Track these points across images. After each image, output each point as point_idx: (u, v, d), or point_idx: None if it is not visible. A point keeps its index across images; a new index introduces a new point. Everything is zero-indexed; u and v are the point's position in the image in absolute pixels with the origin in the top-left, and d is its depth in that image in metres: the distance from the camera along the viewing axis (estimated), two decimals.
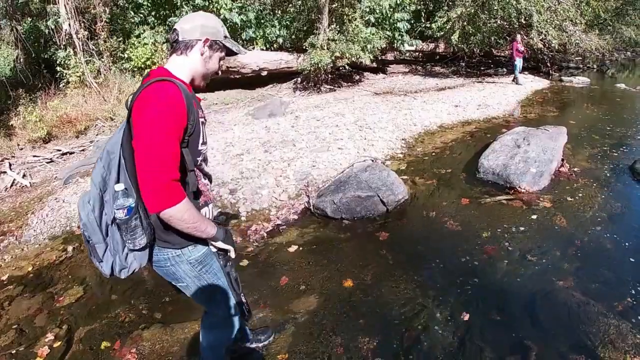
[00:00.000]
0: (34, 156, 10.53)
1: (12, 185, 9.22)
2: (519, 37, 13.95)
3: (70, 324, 3.88)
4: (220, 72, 2.25)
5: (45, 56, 13.18)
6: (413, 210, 5.15)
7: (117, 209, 1.78)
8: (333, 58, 13.78)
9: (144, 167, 1.73)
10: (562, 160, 5.93)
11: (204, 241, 2.07)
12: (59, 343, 3.64)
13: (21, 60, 12.68)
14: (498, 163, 5.69)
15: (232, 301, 2.32)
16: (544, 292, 3.44)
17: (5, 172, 9.52)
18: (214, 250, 2.14)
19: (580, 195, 5.15)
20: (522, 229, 4.45)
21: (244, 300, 2.39)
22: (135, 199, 1.82)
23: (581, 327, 3.04)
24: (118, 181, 1.84)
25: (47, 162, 10.33)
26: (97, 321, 3.83)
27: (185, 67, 2.00)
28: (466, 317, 3.23)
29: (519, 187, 5.29)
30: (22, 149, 10.87)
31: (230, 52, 2.20)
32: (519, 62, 13.63)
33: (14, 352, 3.64)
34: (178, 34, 1.98)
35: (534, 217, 4.65)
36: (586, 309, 3.21)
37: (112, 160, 1.85)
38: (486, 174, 5.69)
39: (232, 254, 2.18)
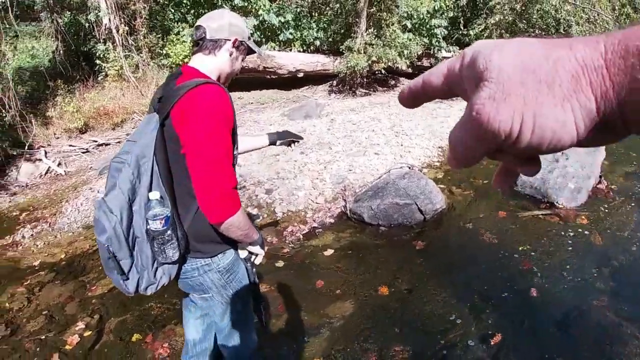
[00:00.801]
0: (70, 145, 10.77)
1: (46, 173, 9.46)
2: None
3: (101, 314, 3.96)
4: (238, 74, 2.19)
5: (85, 49, 13.42)
6: (450, 220, 5.14)
7: (154, 220, 1.71)
8: (370, 62, 13.77)
9: (207, 177, 1.68)
10: (600, 176, 5.84)
11: (233, 247, 2.06)
12: (90, 332, 3.72)
13: (60, 52, 12.92)
14: (536, 177, 5.61)
15: (251, 312, 2.30)
16: (578, 311, 3.40)
17: (40, 160, 9.77)
18: (244, 255, 2.11)
19: (617, 213, 5.06)
20: (558, 245, 4.40)
21: (263, 310, 2.33)
22: (170, 208, 1.78)
23: (613, 348, 3.01)
24: (151, 189, 1.76)
25: (83, 152, 10.57)
26: (129, 313, 3.89)
27: (213, 67, 1.97)
28: (499, 332, 3.22)
29: (557, 202, 5.23)
30: (58, 138, 11.10)
31: (250, 52, 2.16)
32: None
33: (43, 337, 3.73)
34: (205, 32, 1.93)
35: (571, 233, 4.60)
36: (619, 330, 3.18)
37: (142, 165, 1.75)
38: (524, 187, 5.64)
39: (259, 259, 2.16)
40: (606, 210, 5.09)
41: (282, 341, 3.32)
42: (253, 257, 2.15)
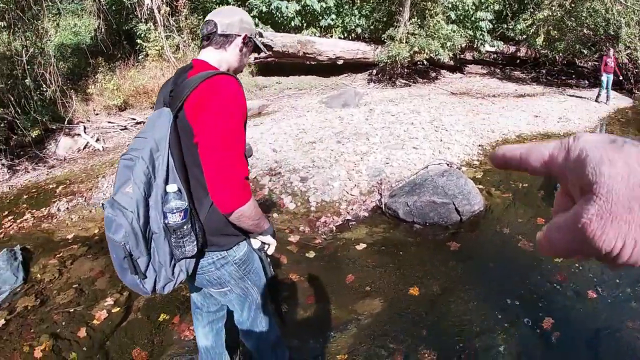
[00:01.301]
0: (109, 122, 10.95)
1: (85, 148, 9.65)
2: (612, 51, 12.83)
3: (130, 291, 3.94)
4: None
5: (126, 28, 13.59)
6: (487, 223, 4.97)
7: (173, 213, 1.68)
8: (411, 52, 13.58)
9: (220, 167, 1.67)
10: None
11: (246, 238, 2.04)
12: (118, 309, 3.73)
13: (102, 30, 13.11)
14: None
15: (268, 303, 2.30)
16: (610, 330, 3.21)
17: (79, 135, 9.96)
18: (257, 245, 2.09)
19: None
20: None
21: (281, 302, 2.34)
22: (187, 201, 1.74)
23: None
24: (167, 182, 1.72)
25: (121, 129, 10.73)
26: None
27: (223, 61, 1.95)
28: (528, 343, 3.08)
29: None
30: (97, 114, 11.33)
31: (256, 49, 2.14)
32: (606, 79, 12.46)
33: (71, 311, 3.75)
34: (217, 26, 1.91)
35: None
36: None
37: (157, 159, 1.72)
38: None
39: (272, 249, 2.13)
40: None
41: (309, 334, 3.25)
42: (266, 246, 2.12)
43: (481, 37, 15.41)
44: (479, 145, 7.68)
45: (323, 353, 3.05)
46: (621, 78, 13.52)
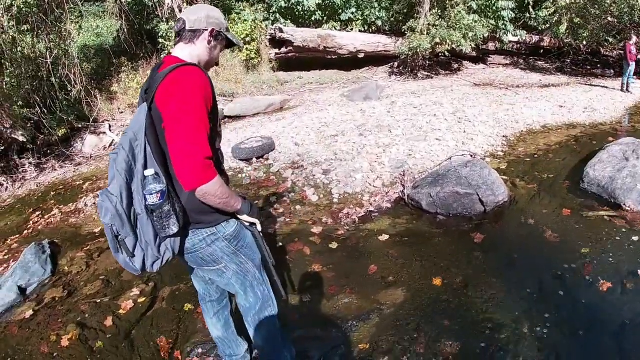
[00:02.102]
0: None
1: (110, 145, 9.83)
2: (634, 38, 12.50)
3: (156, 282, 4.05)
4: (218, 64, 2.34)
5: (148, 28, 13.71)
6: (511, 214, 4.89)
7: (150, 194, 1.80)
8: (433, 44, 13.46)
9: (181, 146, 1.79)
10: None
11: (235, 216, 2.14)
12: (144, 299, 3.81)
13: (124, 30, 13.23)
14: (605, 175, 5.25)
15: (267, 277, 2.40)
16: (635, 324, 3.12)
17: (104, 133, 10.15)
18: (245, 224, 2.20)
19: None
20: (622, 251, 4.03)
21: (276, 279, 2.37)
22: (166, 183, 1.85)
23: None
24: (146, 167, 1.84)
25: None
26: (184, 283, 3.94)
27: (193, 54, 2.07)
28: (552, 336, 3.02)
29: (624, 204, 4.82)
30: (122, 112, 11.51)
31: (230, 44, 2.27)
32: (631, 67, 12.09)
33: (98, 301, 3.85)
34: (185, 23, 2.05)
35: (635, 239, 4.19)
36: None
37: (136, 148, 1.84)
38: (591, 185, 5.28)
39: (259, 227, 2.24)
40: None
41: (331, 323, 3.26)
42: (254, 227, 2.24)
43: (503, 26, 15.17)
44: (503, 136, 7.57)
45: (345, 342, 3.05)
46: None
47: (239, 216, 2.15)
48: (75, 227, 5.58)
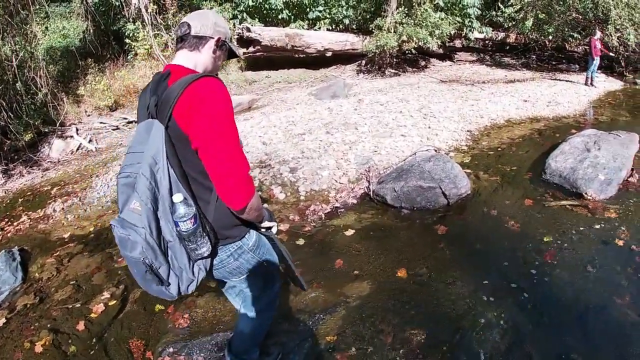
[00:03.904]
0: (101, 123, 11.02)
1: (78, 149, 9.74)
2: (598, 33, 12.76)
3: (126, 285, 4.08)
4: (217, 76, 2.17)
5: (114, 28, 13.59)
6: (474, 205, 5.05)
7: (183, 221, 1.72)
8: (399, 41, 13.62)
9: (224, 167, 1.73)
10: (632, 169, 5.54)
11: (253, 225, 2.10)
12: (114, 302, 3.84)
13: (91, 31, 13.13)
14: (566, 166, 5.46)
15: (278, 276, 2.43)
16: (598, 307, 3.27)
17: (72, 137, 10.04)
18: (262, 230, 2.18)
19: None
20: (583, 238, 4.24)
21: (297, 274, 2.42)
22: (194, 206, 1.79)
23: (631, 349, 2.88)
24: (171, 193, 1.75)
25: (113, 129, 10.81)
26: None
27: (199, 63, 1.97)
28: (516, 321, 3.15)
29: (585, 193, 5.02)
30: (89, 115, 11.41)
31: (231, 55, 2.18)
32: (596, 61, 12.40)
33: (70, 307, 3.86)
34: (190, 28, 1.94)
35: (597, 226, 4.40)
36: (639, 330, 3.06)
37: (157, 173, 1.74)
38: (552, 175, 5.49)
39: (275, 229, 2.23)
40: (636, 205, 4.82)
41: (299, 317, 3.33)
42: (271, 231, 2.22)
43: (469, 24, 15.43)
44: (468, 131, 7.77)
45: (313, 335, 3.12)
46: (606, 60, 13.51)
47: (263, 225, 2.13)
48: (44, 233, 5.55)
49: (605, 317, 3.19)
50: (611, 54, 13.01)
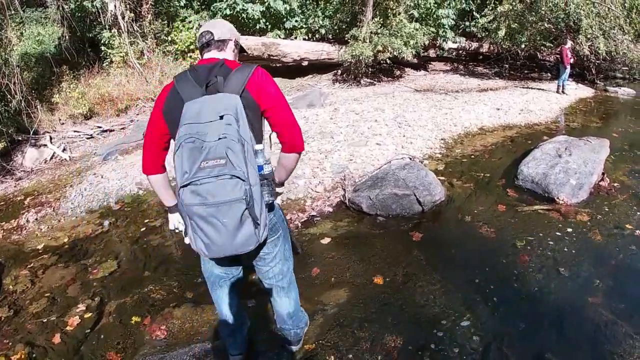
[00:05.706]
0: (75, 131, 10.88)
1: (51, 158, 9.60)
2: (569, 42, 13.25)
3: (102, 297, 4.06)
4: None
5: (90, 35, 13.46)
6: (449, 212, 5.15)
7: (267, 164, 2.14)
8: (375, 51, 13.75)
9: (291, 121, 2.20)
10: (603, 174, 5.71)
11: None
12: (90, 314, 3.82)
13: (66, 38, 12.98)
14: (538, 171, 5.61)
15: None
16: (573, 307, 3.37)
17: (45, 145, 9.90)
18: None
19: (618, 211, 4.95)
20: (556, 241, 4.36)
21: (293, 238, 2.69)
22: None
23: (606, 347, 2.97)
24: (252, 143, 2.06)
25: (87, 138, 10.69)
26: (129, 296, 3.98)
27: (226, 59, 2.30)
28: (492, 324, 3.22)
29: (557, 197, 5.18)
30: (63, 123, 11.24)
31: (241, 51, 2.54)
32: (567, 70, 12.74)
33: (45, 320, 3.82)
34: (214, 34, 2.30)
35: (570, 230, 4.54)
36: (613, 329, 3.14)
37: (241, 127, 1.98)
38: (525, 181, 5.63)
39: (280, 198, 2.55)
40: (607, 208, 5.00)
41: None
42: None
43: (444, 34, 15.69)
44: (441, 139, 7.90)
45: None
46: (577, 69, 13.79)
47: (279, 189, 2.43)
48: (17, 244, 5.47)
49: (580, 317, 3.28)
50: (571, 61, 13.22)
